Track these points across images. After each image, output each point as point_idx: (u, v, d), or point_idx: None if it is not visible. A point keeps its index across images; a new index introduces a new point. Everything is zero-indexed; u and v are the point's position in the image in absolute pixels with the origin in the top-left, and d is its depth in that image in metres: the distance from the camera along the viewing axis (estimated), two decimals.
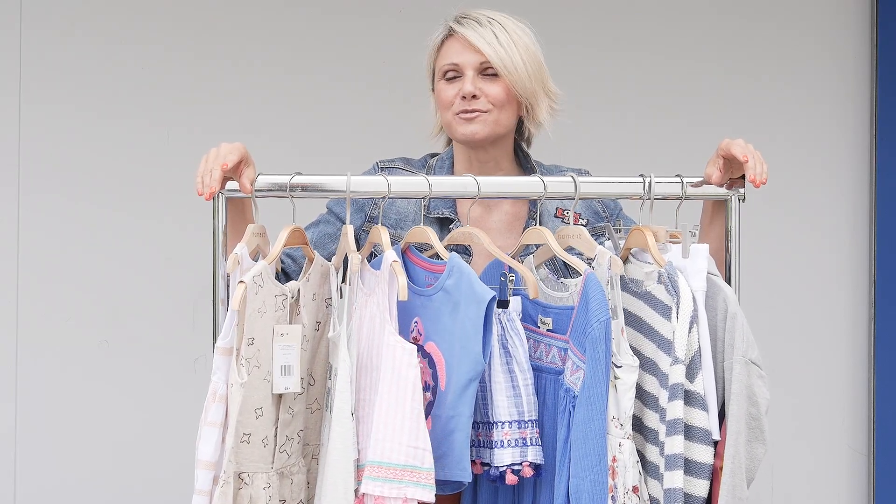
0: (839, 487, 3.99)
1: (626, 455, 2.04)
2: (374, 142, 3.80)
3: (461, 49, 2.38)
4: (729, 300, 2.09)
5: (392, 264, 2.07)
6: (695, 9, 3.95)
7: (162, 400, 3.72)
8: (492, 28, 2.37)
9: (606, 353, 2.02)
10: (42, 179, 3.74)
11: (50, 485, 3.74)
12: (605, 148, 3.81)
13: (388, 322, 2.07)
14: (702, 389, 2.06)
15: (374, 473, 2.01)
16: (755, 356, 2.08)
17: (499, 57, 2.35)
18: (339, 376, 2.04)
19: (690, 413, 2.05)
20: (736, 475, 2.04)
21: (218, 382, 2.07)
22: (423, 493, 2.01)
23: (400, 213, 2.44)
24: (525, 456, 2.09)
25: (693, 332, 2.06)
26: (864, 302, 3.99)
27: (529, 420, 2.10)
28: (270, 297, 2.08)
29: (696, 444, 2.05)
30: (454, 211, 2.43)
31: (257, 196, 2.16)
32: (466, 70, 2.37)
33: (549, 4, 3.85)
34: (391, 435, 2.01)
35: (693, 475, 2.05)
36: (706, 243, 2.16)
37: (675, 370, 2.05)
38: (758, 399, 2.08)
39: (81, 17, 3.75)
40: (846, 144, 3.98)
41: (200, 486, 2.06)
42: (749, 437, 2.07)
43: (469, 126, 2.37)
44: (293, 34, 3.83)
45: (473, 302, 2.06)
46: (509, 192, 2.28)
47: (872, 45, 3.95)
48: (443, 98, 2.40)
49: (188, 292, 3.71)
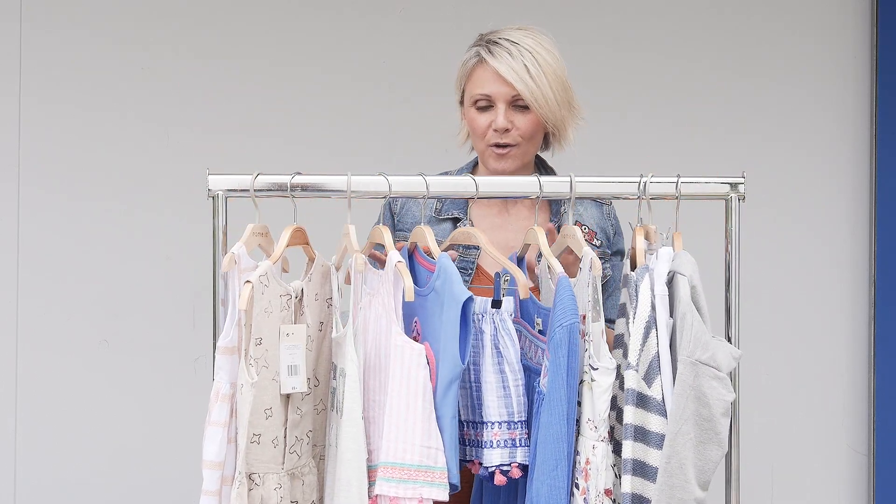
0: (839, 487, 3.99)
1: (598, 458, 2.03)
2: (374, 141, 3.81)
3: (492, 80, 2.42)
4: (682, 301, 2.07)
5: (397, 265, 2.08)
6: (695, 9, 3.95)
7: (162, 399, 3.72)
8: (522, 59, 2.40)
9: (569, 357, 2.02)
10: (42, 179, 3.74)
11: (50, 485, 3.74)
12: (605, 148, 3.81)
13: (395, 323, 2.07)
14: (659, 394, 2.04)
15: (387, 474, 2.02)
16: (706, 356, 2.04)
17: (530, 91, 2.40)
18: (348, 377, 2.04)
19: (646, 417, 2.04)
20: (674, 476, 2.01)
21: (221, 382, 2.07)
22: (438, 492, 2.02)
23: (415, 219, 2.48)
24: (514, 457, 2.09)
25: (651, 336, 2.05)
26: (864, 302, 3.98)
27: (519, 421, 2.10)
28: (276, 297, 2.08)
29: (653, 448, 2.04)
30: (464, 211, 2.46)
31: (257, 196, 2.16)
32: (498, 103, 2.42)
33: (549, 4, 3.85)
34: (404, 436, 2.02)
35: (648, 479, 2.04)
36: (669, 247, 2.16)
37: (627, 375, 2.05)
38: (709, 400, 2.04)
39: (81, 17, 3.75)
40: (846, 144, 3.98)
41: (207, 486, 2.06)
42: (701, 439, 2.04)
43: (501, 162, 2.45)
44: (293, 34, 3.83)
45: (453, 303, 2.07)
46: (508, 192, 2.29)
47: (872, 45, 3.95)
48: (475, 127, 2.47)
49: (188, 292, 3.71)
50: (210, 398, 2.08)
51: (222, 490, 2.07)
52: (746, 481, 2.31)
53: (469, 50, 2.49)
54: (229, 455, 2.07)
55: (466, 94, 2.49)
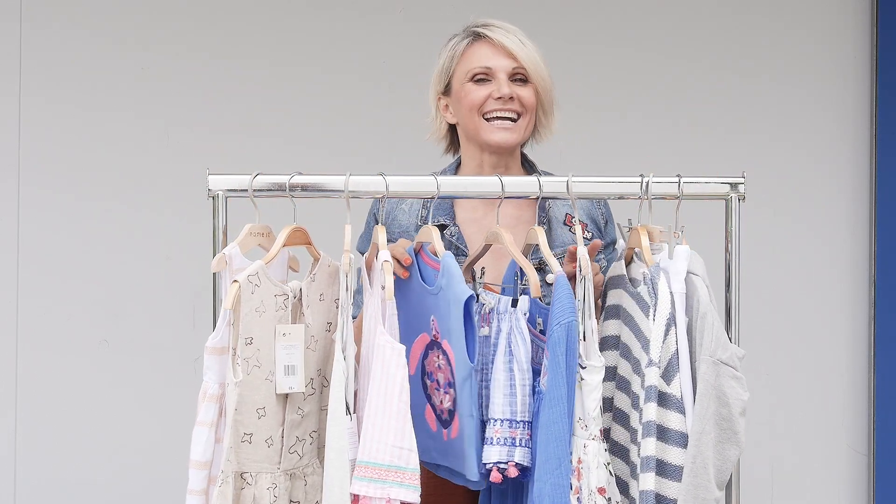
0: (839, 487, 3.99)
1: (590, 456, 2.03)
2: (374, 141, 3.81)
3: (493, 53, 2.40)
4: (701, 300, 2.07)
5: (382, 264, 2.08)
6: (695, 9, 3.95)
7: (162, 399, 3.72)
8: (517, 35, 2.41)
9: (567, 355, 2.02)
10: (42, 179, 3.74)
11: (50, 484, 3.74)
12: (606, 148, 3.81)
13: (380, 322, 2.07)
14: (678, 392, 2.05)
15: (361, 473, 2.02)
16: (727, 356, 2.05)
17: (531, 60, 2.38)
18: (334, 375, 2.04)
19: (666, 415, 2.04)
20: (699, 476, 2.02)
21: (209, 382, 2.07)
22: (407, 493, 2.01)
23: (402, 227, 2.46)
24: (512, 455, 2.08)
25: (671, 334, 2.05)
26: (864, 302, 3.98)
27: (521, 421, 2.09)
28: (270, 297, 2.08)
29: (672, 446, 2.04)
30: (451, 216, 2.44)
31: (256, 196, 2.16)
32: (499, 73, 2.39)
33: (549, 4, 3.85)
34: (378, 435, 2.02)
35: (667, 477, 2.04)
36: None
37: (649, 372, 2.05)
38: (729, 400, 2.05)
39: (81, 17, 3.75)
40: (846, 144, 3.98)
41: (192, 485, 2.06)
42: (720, 438, 2.05)
43: (504, 133, 2.40)
44: (293, 34, 3.83)
45: (455, 302, 2.08)
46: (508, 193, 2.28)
47: (872, 45, 3.95)
48: (472, 99, 2.40)
49: (188, 292, 3.71)
50: (198, 398, 2.08)
51: (209, 489, 2.07)
52: (746, 481, 2.31)
53: (452, 40, 2.46)
54: (219, 455, 2.07)
55: (458, 73, 2.43)
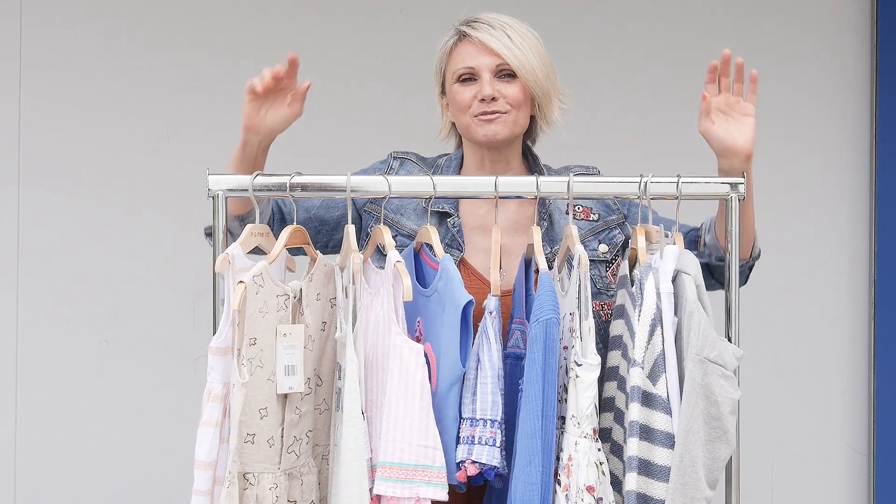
0: (839, 487, 3.99)
1: (580, 454, 2.02)
2: (374, 141, 3.80)
3: (476, 52, 2.39)
4: (688, 299, 2.06)
5: (396, 265, 2.08)
6: (695, 9, 3.95)
7: (161, 400, 3.72)
8: (504, 31, 2.38)
9: (545, 352, 2.01)
10: (42, 179, 3.74)
11: (50, 484, 3.74)
12: (606, 148, 3.81)
13: (395, 323, 2.07)
14: (664, 392, 2.04)
15: (385, 474, 2.02)
16: (714, 355, 2.04)
17: (515, 57, 2.36)
18: (348, 376, 2.04)
19: (651, 416, 2.03)
20: (687, 474, 2.01)
21: (213, 382, 2.07)
22: (436, 491, 2.02)
23: (402, 200, 2.44)
24: (470, 454, 2.05)
25: (656, 334, 2.04)
26: (864, 302, 3.98)
27: (482, 419, 2.06)
28: (272, 297, 2.08)
29: (658, 447, 2.03)
30: (455, 206, 2.44)
31: (257, 196, 2.16)
32: (483, 73, 2.38)
33: (548, 4, 3.85)
34: (401, 435, 2.02)
35: (654, 478, 2.03)
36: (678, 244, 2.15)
37: (633, 372, 2.04)
38: (717, 399, 2.04)
39: (81, 17, 3.76)
40: (846, 144, 3.98)
41: (197, 486, 2.06)
42: (710, 437, 2.04)
43: (490, 126, 2.38)
44: (294, 33, 3.83)
45: (453, 306, 2.07)
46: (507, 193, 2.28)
47: (872, 45, 3.95)
48: (459, 101, 2.40)
49: (188, 292, 3.71)
50: (202, 398, 2.08)
51: (214, 490, 2.07)
52: (746, 481, 2.31)
53: (442, 39, 2.46)
54: (223, 455, 2.07)
55: (448, 74, 2.44)
